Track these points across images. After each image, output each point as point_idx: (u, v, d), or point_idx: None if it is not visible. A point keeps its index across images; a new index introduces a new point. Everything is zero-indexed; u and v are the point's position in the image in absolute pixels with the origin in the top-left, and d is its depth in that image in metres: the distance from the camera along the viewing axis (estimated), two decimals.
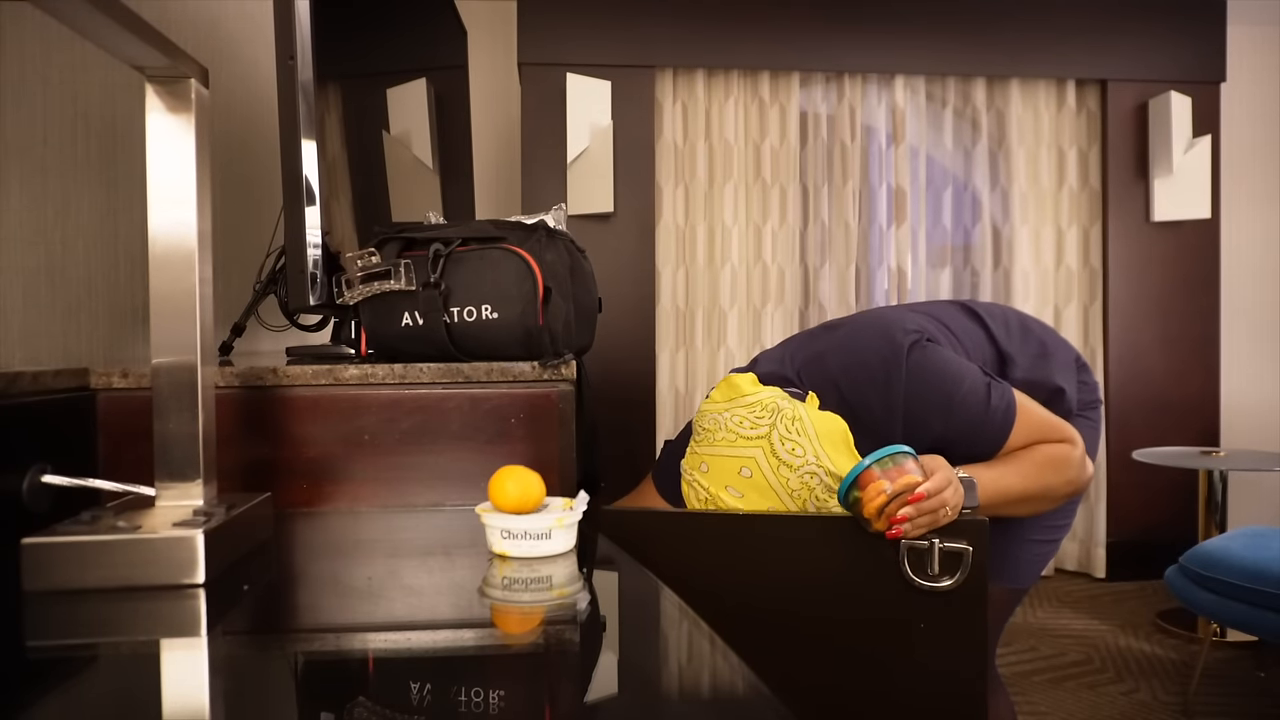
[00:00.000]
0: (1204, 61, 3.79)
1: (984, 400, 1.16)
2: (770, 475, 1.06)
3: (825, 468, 1.05)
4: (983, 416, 1.16)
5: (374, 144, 1.52)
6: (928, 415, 1.16)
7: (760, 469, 1.06)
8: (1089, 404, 1.36)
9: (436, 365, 1.03)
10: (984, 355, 1.30)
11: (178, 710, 0.50)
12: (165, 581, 0.70)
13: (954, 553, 1.01)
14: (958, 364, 1.18)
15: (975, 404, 1.16)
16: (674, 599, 0.70)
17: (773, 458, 1.06)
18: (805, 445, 1.06)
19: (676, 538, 1.05)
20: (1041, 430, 1.19)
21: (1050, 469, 1.18)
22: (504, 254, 1.05)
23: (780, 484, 1.06)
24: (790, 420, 1.07)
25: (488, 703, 0.49)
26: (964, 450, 1.18)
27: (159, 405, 0.79)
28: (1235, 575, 2.25)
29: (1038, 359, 1.31)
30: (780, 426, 1.07)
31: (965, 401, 1.15)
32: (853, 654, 1.03)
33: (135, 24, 0.69)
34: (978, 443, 1.18)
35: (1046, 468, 1.18)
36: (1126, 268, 3.82)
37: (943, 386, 1.15)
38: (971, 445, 1.18)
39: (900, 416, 1.16)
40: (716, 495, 1.09)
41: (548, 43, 3.47)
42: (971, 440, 1.18)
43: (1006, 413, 1.17)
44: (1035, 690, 2.62)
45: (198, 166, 0.79)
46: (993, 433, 1.17)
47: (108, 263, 1.15)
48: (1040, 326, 1.38)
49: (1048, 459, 1.18)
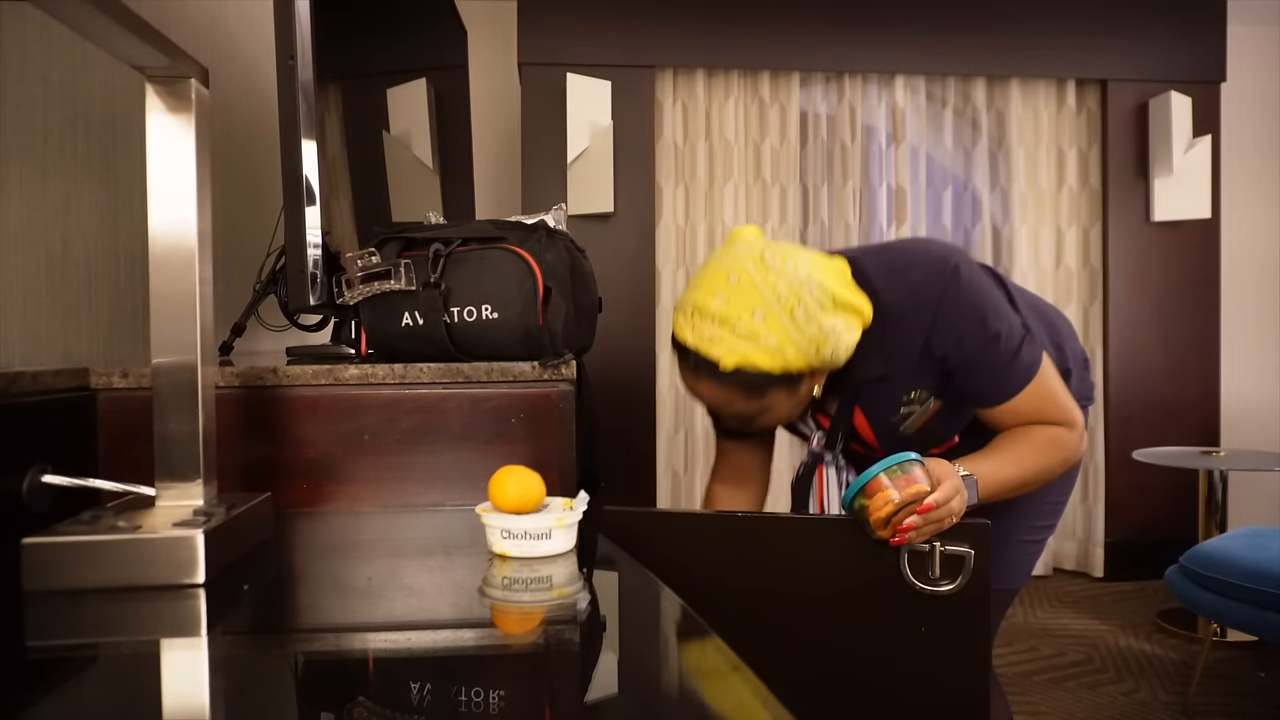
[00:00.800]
0: (1204, 61, 3.79)
1: (1014, 348, 1.12)
2: (758, 279, 1.04)
3: (819, 283, 1.04)
4: (1006, 362, 1.12)
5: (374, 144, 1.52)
6: (954, 340, 1.10)
7: (748, 274, 1.04)
8: (1084, 398, 1.35)
9: (436, 365, 1.03)
10: None
11: (178, 710, 0.50)
12: (165, 581, 0.70)
13: (955, 556, 1.01)
14: (1003, 302, 1.15)
15: (1005, 346, 1.11)
16: (674, 599, 0.70)
17: (762, 265, 1.05)
18: (799, 261, 1.05)
19: (676, 538, 1.05)
20: (1050, 404, 1.15)
21: (1048, 452, 1.14)
22: (504, 254, 1.05)
23: (769, 288, 1.03)
24: (783, 246, 1.08)
25: (488, 703, 0.49)
26: (966, 391, 1.15)
27: (159, 405, 0.79)
28: (1235, 575, 2.25)
29: (1050, 344, 1.30)
30: (773, 247, 1.07)
31: (998, 338, 1.11)
32: (854, 656, 1.03)
33: (135, 24, 0.69)
34: (984, 388, 1.14)
35: (1044, 452, 1.14)
36: (1126, 268, 3.82)
37: (982, 314, 1.10)
38: (976, 388, 1.14)
39: (927, 332, 1.10)
40: (701, 304, 1.06)
41: (548, 43, 3.47)
42: (979, 383, 1.13)
43: (1028, 370, 1.13)
44: (1035, 690, 2.62)
45: (198, 166, 0.79)
46: (1005, 384, 1.13)
47: (108, 263, 1.15)
48: (1055, 313, 1.37)
49: (1047, 441, 1.14)
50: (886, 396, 1.17)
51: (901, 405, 1.17)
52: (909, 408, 1.18)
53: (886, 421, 1.20)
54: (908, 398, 1.17)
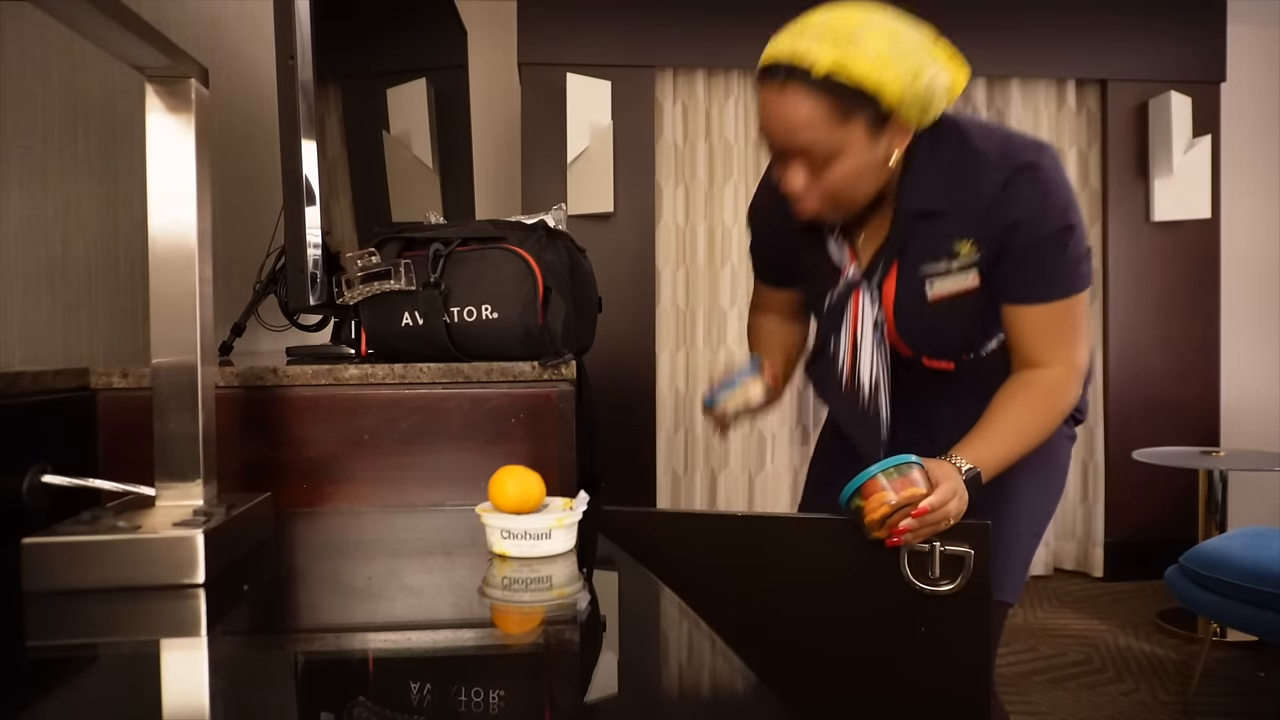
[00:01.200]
0: (1204, 61, 3.79)
1: (1080, 254, 1.08)
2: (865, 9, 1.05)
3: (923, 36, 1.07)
4: (1066, 260, 1.08)
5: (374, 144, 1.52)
6: (1029, 209, 1.05)
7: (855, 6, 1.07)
8: (1078, 411, 1.30)
9: (436, 365, 1.03)
10: None
11: (178, 710, 0.50)
12: (165, 581, 0.70)
13: (955, 556, 1.01)
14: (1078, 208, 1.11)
15: (1073, 245, 1.08)
16: (674, 599, 0.70)
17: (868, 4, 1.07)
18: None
19: (677, 538, 1.05)
20: (1073, 331, 1.11)
21: (1047, 407, 1.11)
22: (504, 254, 1.05)
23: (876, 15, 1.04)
24: None
25: (488, 703, 0.49)
26: (1011, 277, 1.10)
27: (159, 405, 0.79)
28: (1235, 575, 2.25)
29: None
30: None
31: (1070, 231, 1.07)
32: (854, 656, 1.03)
33: (135, 24, 0.69)
34: (1033, 276, 1.09)
35: (1043, 409, 1.11)
36: (1126, 268, 3.82)
37: (1066, 201, 1.07)
38: (1025, 274, 1.09)
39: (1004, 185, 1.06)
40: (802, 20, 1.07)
41: (548, 43, 3.47)
42: (1030, 269, 1.08)
43: (1080, 282, 1.09)
44: (1035, 690, 2.62)
45: (198, 166, 0.79)
46: (1054, 283, 1.09)
47: (108, 263, 1.15)
48: None
49: (1046, 394, 1.11)
50: (934, 238, 1.12)
51: (945, 255, 1.12)
52: (949, 262, 1.12)
53: (916, 278, 1.14)
54: (954, 249, 1.11)
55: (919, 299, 1.14)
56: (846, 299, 1.18)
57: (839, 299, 1.19)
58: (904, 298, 1.16)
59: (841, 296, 1.19)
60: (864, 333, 1.17)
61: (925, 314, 1.15)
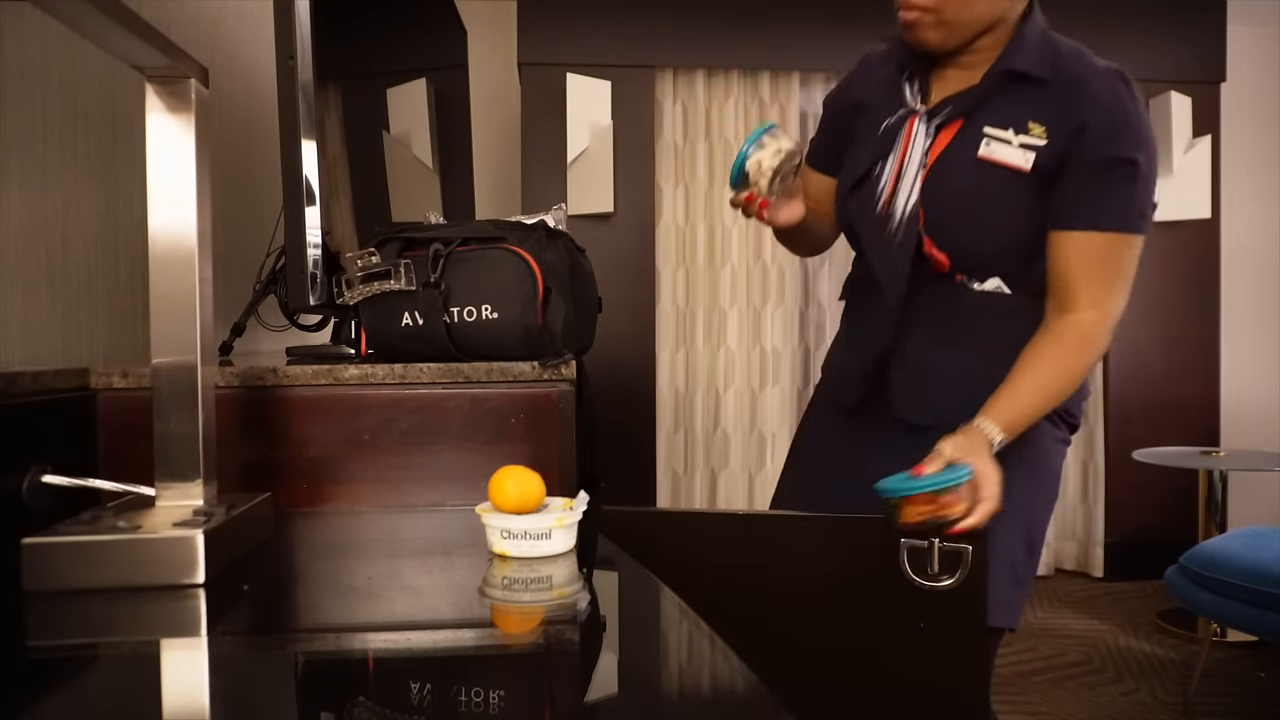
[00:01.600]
0: (1204, 61, 3.79)
1: (1146, 194, 1.09)
2: None
3: None
4: (1129, 191, 1.08)
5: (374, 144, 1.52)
6: (1106, 121, 1.07)
7: None
8: (1072, 416, 1.26)
9: (436, 365, 1.03)
10: None
11: (178, 710, 0.50)
12: (165, 581, 0.70)
13: (954, 552, 1.01)
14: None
15: (1141, 178, 1.07)
16: (674, 599, 0.70)
17: None
18: None
19: (676, 538, 1.05)
20: (1118, 272, 1.10)
21: (1080, 358, 1.09)
22: (504, 254, 1.05)
23: None
24: None
25: (488, 703, 0.49)
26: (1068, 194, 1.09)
27: (159, 405, 0.79)
28: (1235, 575, 2.25)
29: None
30: None
31: (1137, 165, 1.06)
32: (854, 653, 1.03)
33: (135, 24, 0.69)
34: (1091, 196, 1.08)
35: (1077, 360, 1.09)
36: None
37: (1144, 132, 1.08)
38: (1084, 193, 1.08)
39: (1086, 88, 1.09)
40: None
41: (548, 43, 3.47)
42: (1091, 189, 1.08)
43: (1136, 223, 1.09)
44: (1035, 690, 2.62)
45: (198, 166, 0.79)
46: (1111, 209, 1.08)
47: (108, 262, 1.15)
48: None
49: (1081, 341, 1.09)
50: (1013, 107, 1.12)
51: (1014, 127, 1.12)
52: (1015, 135, 1.12)
53: (976, 135, 1.13)
54: (1026, 126, 1.11)
55: (967, 158, 1.13)
56: (902, 125, 1.18)
57: (896, 122, 1.18)
58: (953, 152, 1.14)
59: (900, 120, 1.18)
60: (910, 162, 1.16)
61: (964, 176, 1.13)
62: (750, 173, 1.13)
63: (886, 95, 1.22)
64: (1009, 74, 1.13)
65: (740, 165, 1.13)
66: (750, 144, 1.12)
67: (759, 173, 1.13)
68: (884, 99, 1.22)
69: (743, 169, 1.13)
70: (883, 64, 1.27)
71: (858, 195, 1.21)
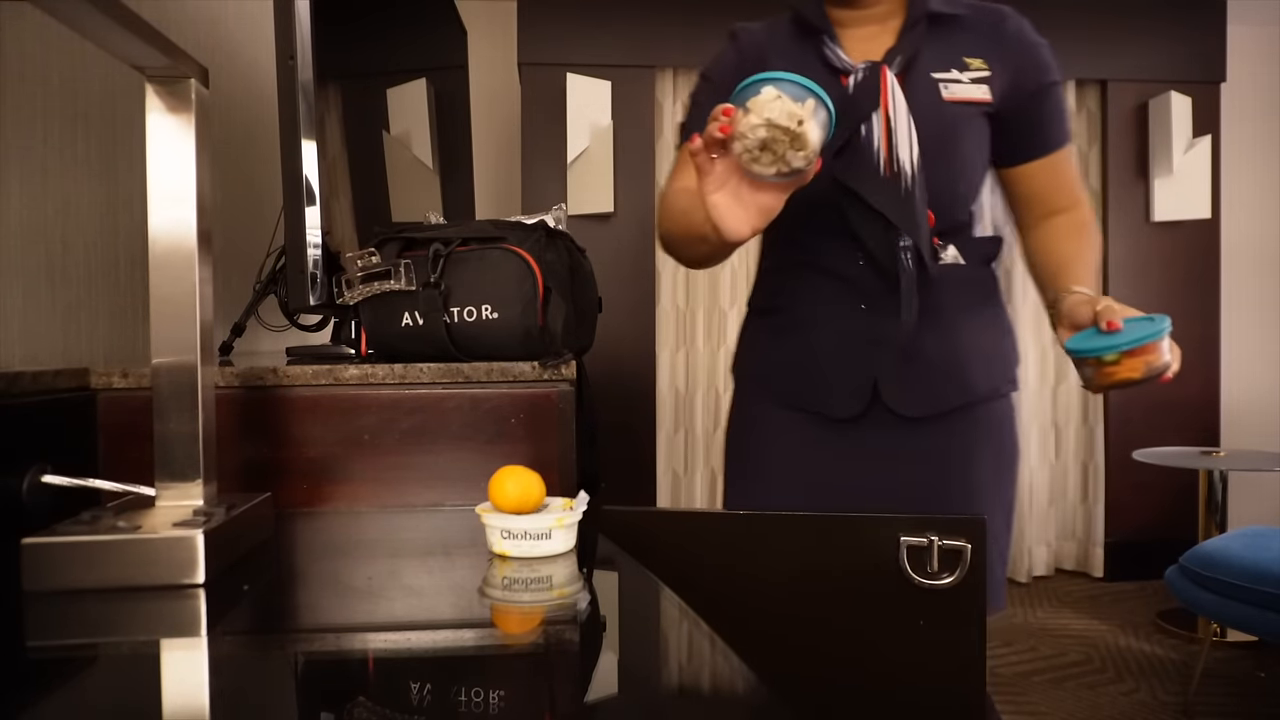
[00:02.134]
0: (1204, 61, 3.79)
1: (1065, 109, 1.21)
2: None
3: None
4: (1060, 110, 1.20)
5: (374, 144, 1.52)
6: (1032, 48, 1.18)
7: None
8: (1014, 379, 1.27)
9: (436, 365, 1.03)
10: None
11: (178, 710, 0.50)
12: (165, 581, 0.70)
13: (953, 550, 1.01)
14: None
15: (1062, 98, 1.20)
16: (674, 599, 0.70)
17: None
18: None
19: (676, 538, 1.05)
20: (1076, 176, 1.24)
21: (1096, 241, 1.22)
22: (504, 254, 1.05)
23: None
24: None
25: (488, 703, 0.49)
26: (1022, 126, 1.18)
27: (159, 405, 0.79)
28: (1235, 575, 2.25)
29: None
30: None
31: (1058, 86, 1.18)
32: (854, 652, 1.03)
33: (135, 24, 0.69)
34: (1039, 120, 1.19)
35: (1095, 243, 1.22)
36: (1126, 268, 3.82)
37: (1049, 55, 1.19)
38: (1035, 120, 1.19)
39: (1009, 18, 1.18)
40: None
41: (548, 43, 3.47)
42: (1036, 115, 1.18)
43: (1068, 135, 1.21)
44: (1035, 690, 2.62)
45: (197, 166, 0.79)
46: (1056, 130, 1.20)
47: (108, 262, 1.15)
48: None
49: (1092, 227, 1.22)
50: (945, 48, 1.16)
51: (956, 66, 1.15)
52: (960, 73, 1.15)
53: (929, 84, 1.14)
54: (965, 62, 1.16)
55: (932, 103, 1.14)
56: (875, 81, 1.13)
57: (865, 81, 1.13)
58: (916, 101, 1.13)
59: (869, 79, 1.13)
60: (897, 115, 1.12)
61: (939, 121, 1.14)
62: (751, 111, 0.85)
63: (801, 64, 1.14)
64: (930, 17, 1.16)
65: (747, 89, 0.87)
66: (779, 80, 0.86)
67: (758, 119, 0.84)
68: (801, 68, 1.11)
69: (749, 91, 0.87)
70: (784, 32, 1.22)
71: (846, 158, 1.13)
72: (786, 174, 0.88)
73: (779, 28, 1.24)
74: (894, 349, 1.15)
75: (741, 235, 0.95)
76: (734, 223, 0.94)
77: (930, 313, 1.15)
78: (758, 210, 0.94)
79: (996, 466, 1.20)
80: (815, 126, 0.86)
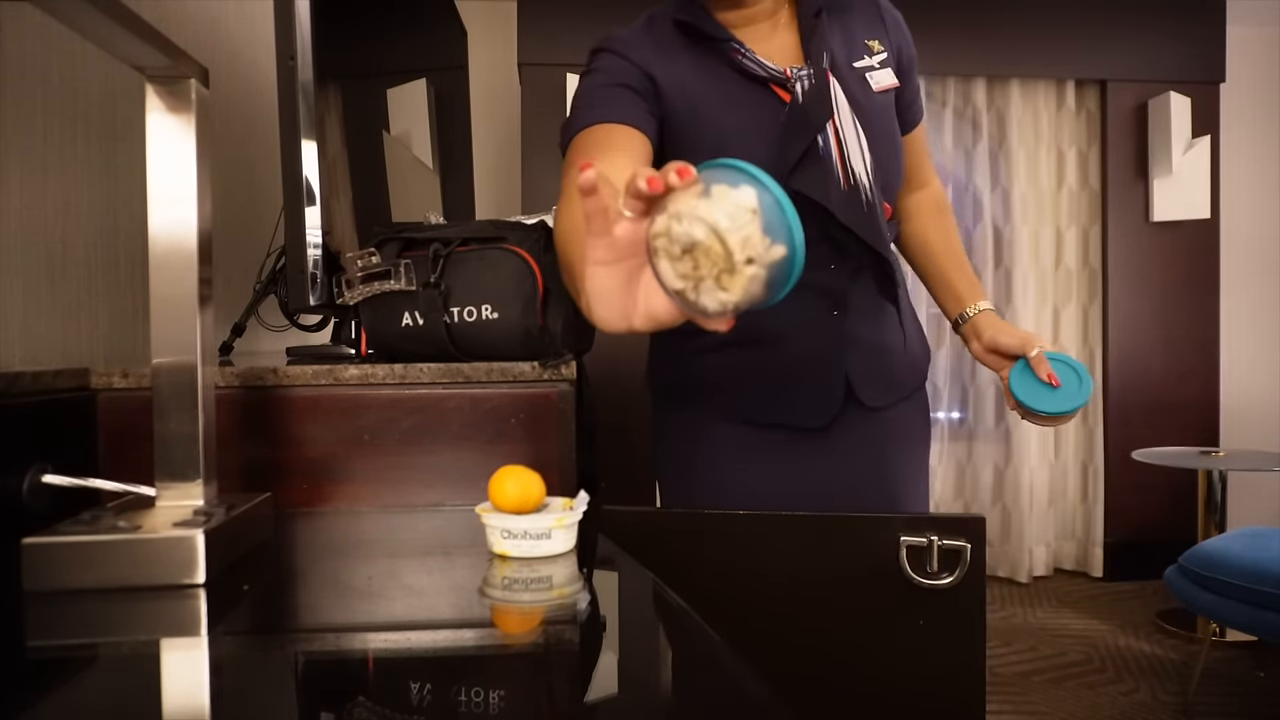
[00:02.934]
0: (1204, 61, 3.79)
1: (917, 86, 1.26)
2: None
3: None
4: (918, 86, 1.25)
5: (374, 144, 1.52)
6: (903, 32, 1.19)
7: None
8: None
9: (436, 365, 1.03)
10: None
11: (178, 710, 0.50)
12: (165, 581, 0.70)
13: (953, 550, 1.01)
14: None
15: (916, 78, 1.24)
16: (674, 599, 0.70)
17: None
18: None
19: (676, 538, 1.05)
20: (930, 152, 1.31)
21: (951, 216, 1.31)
22: (504, 254, 1.05)
23: None
24: None
25: (488, 703, 0.49)
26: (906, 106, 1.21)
27: (159, 405, 0.79)
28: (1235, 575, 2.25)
29: None
30: None
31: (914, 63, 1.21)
32: (853, 652, 1.03)
33: (135, 24, 0.69)
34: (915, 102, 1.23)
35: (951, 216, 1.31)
36: (1126, 268, 3.82)
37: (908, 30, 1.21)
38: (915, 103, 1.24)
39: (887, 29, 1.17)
40: None
41: (548, 43, 3.47)
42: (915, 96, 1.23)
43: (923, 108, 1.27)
44: (1035, 690, 2.62)
45: (198, 166, 0.79)
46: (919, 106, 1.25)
47: (108, 263, 1.15)
48: None
49: (948, 205, 1.31)
50: (849, 36, 1.13)
51: (864, 52, 1.13)
52: (870, 58, 1.14)
53: (856, 75, 1.11)
54: (869, 46, 1.14)
55: (868, 97, 1.11)
56: (825, 87, 1.07)
57: (816, 88, 1.06)
58: (856, 100, 1.09)
59: (819, 84, 1.06)
60: (844, 123, 1.07)
61: (878, 116, 1.12)
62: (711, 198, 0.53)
63: (714, 77, 1.08)
64: (822, 8, 1.13)
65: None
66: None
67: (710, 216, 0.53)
68: (714, 76, 1.08)
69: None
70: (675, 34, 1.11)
71: (805, 172, 1.06)
72: (685, 303, 0.56)
73: (660, 38, 1.11)
74: (865, 348, 1.15)
75: (613, 329, 0.61)
76: (608, 312, 0.59)
77: (881, 300, 1.18)
78: (645, 313, 0.58)
79: (929, 438, 1.31)
80: (758, 280, 0.55)
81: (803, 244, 0.55)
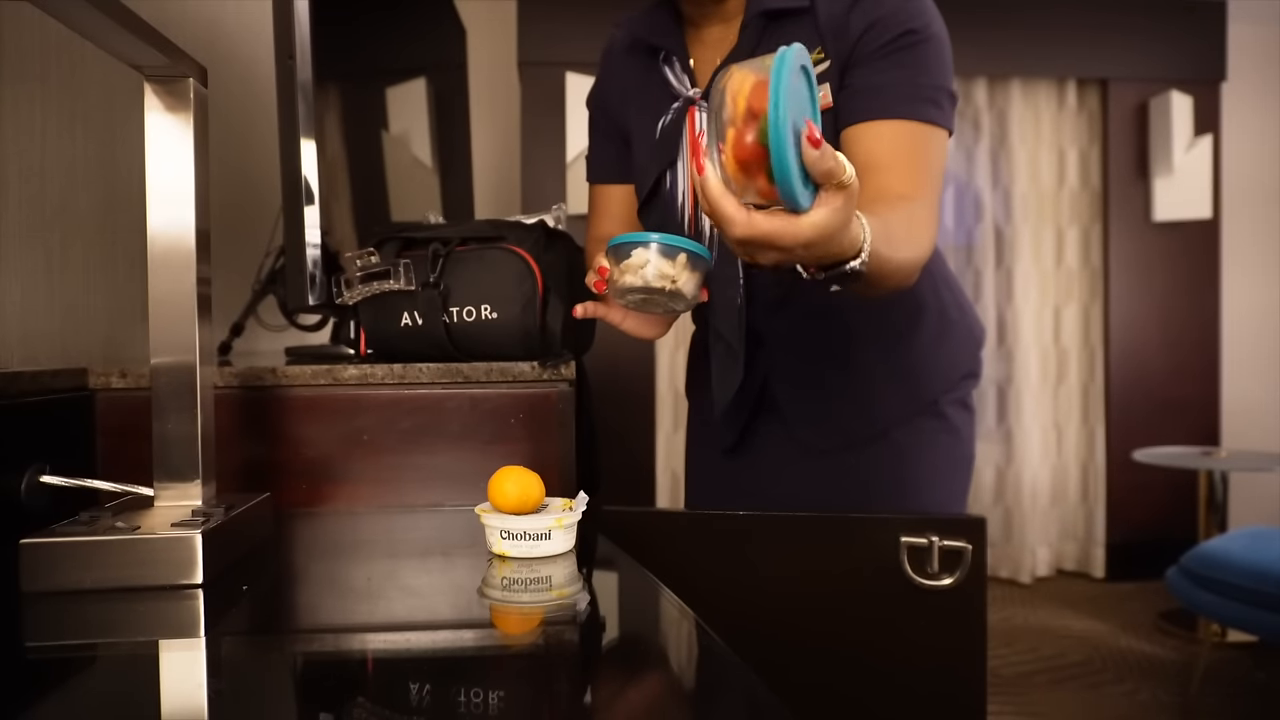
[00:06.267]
0: (1204, 61, 3.79)
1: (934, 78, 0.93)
2: None
3: None
4: (921, 70, 0.92)
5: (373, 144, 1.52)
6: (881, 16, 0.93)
7: None
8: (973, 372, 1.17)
9: (436, 365, 1.03)
10: None
11: (177, 710, 0.50)
12: (164, 582, 0.70)
13: (954, 551, 1.01)
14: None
15: (922, 58, 0.92)
16: (674, 599, 0.70)
17: None
18: None
19: (676, 538, 1.05)
20: (926, 169, 0.92)
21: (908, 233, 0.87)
22: (504, 254, 1.05)
23: None
24: None
25: (488, 703, 0.49)
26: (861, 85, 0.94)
27: (158, 405, 0.79)
28: (1236, 575, 2.25)
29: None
30: None
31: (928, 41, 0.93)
32: (853, 653, 1.03)
33: (135, 24, 0.69)
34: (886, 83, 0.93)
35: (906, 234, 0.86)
36: (1127, 268, 3.82)
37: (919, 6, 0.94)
38: (879, 80, 0.93)
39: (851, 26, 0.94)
40: None
41: (548, 43, 3.47)
42: (884, 74, 0.93)
43: (932, 111, 0.92)
44: (1036, 691, 2.62)
45: (197, 166, 0.78)
46: (907, 94, 0.93)
47: (107, 262, 1.15)
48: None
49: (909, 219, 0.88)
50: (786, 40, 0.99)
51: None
52: None
53: None
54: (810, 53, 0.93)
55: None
56: (682, 121, 1.02)
57: (672, 123, 1.03)
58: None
59: (676, 118, 1.02)
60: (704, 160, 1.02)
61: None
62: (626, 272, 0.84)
63: (647, 82, 1.07)
64: (768, 14, 0.98)
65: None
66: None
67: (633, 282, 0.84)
68: (647, 87, 1.07)
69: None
70: (628, 50, 1.10)
71: (653, 210, 1.07)
72: (667, 312, 0.93)
73: (623, 56, 1.11)
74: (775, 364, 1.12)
75: (654, 337, 1.04)
76: (645, 331, 1.02)
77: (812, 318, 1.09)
78: (664, 321, 1.02)
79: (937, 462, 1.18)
80: (690, 279, 0.84)
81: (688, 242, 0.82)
